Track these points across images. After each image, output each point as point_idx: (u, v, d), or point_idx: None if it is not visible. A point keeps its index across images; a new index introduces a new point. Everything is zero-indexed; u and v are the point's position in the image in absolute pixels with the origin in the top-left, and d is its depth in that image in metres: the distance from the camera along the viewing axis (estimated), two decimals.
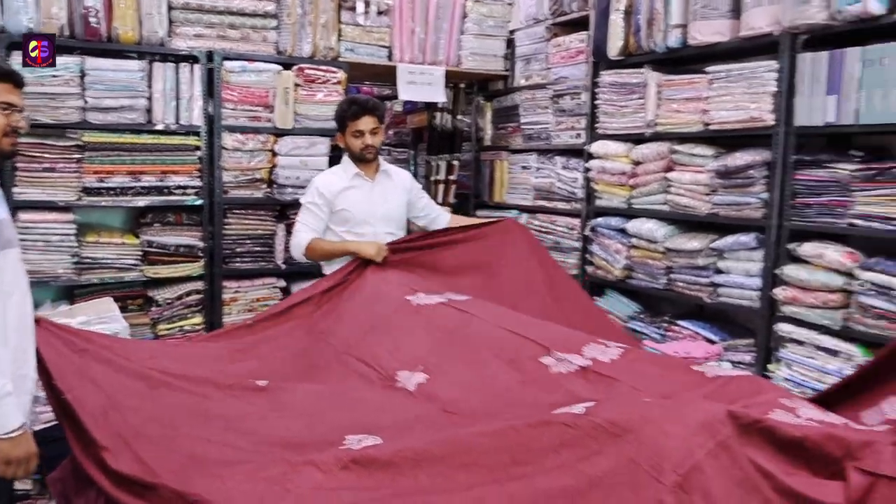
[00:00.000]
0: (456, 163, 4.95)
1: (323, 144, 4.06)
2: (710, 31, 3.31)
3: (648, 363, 2.44)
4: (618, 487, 1.60)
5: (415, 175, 5.51)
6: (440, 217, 3.68)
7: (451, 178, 4.96)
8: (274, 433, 2.16)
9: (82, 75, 3.51)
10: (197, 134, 3.82)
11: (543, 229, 4.52)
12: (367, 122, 3.32)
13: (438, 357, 2.54)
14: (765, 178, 3.17)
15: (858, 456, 1.64)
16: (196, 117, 3.79)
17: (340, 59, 4.12)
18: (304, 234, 3.37)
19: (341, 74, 4.06)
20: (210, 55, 3.78)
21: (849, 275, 2.90)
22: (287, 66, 3.96)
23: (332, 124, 3.86)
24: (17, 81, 2.04)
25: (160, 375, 2.38)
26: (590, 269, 4.17)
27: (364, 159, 3.39)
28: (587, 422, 1.74)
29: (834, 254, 2.92)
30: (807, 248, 3.02)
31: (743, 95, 3.21)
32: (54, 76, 3.43)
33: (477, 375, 2.42)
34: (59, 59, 3.41)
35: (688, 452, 1.60)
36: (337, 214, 3.39)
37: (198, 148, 3.83)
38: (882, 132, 2.80)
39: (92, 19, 3.50)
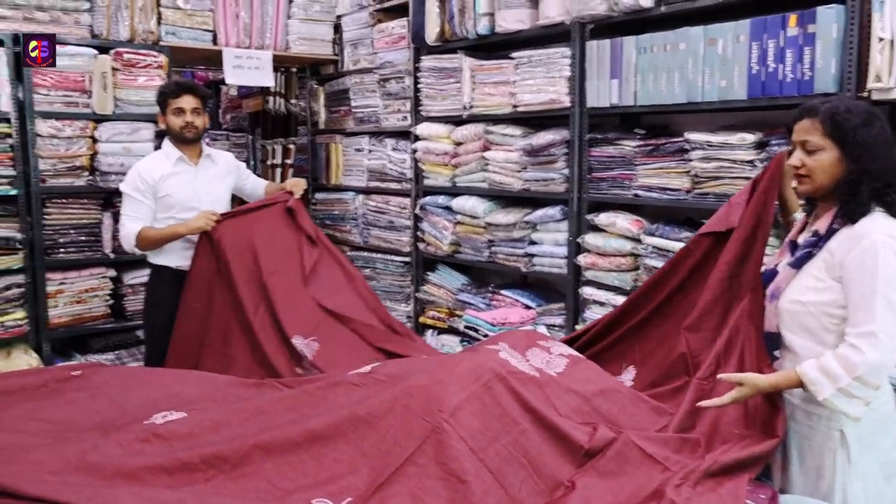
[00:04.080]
0: (292, 146, 4.99)
1: (147, 130, 4.00)
2: (514, 19, 3.56)
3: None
4: (386, 425, 1.79)
5: (252, 159, 5.52)
6: (261, 188, 3.74)
7: (288, 161, 5.01)
8: (83, 416, 2.18)
9: None
10: (7, 121, 3.67)
11: (378, 209, 4.68)
12: (187, 101, 3.30)
13: None
14: (565, 155, 3.47)
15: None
16: (4, 103, 3.63)
17: (162, 43, 4.06)
18: (130, 224, 3.28)
19: (162, 58, 4.01)
20: (17, 38, 3.63)
21: (636, 240, 3.24)
22: (104, 50, 3.86)
23: (156, 109, 3.81)
24: None
25: None
26: (421, 245, 4.38)
27: (184, 139, 3.33)
28: (370, 378, 1.91)
29: (623, 222, 3.26)
30: (602, 218, 3.34)
31: (543, 79, 3.48)
32: None
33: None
34: None
35: (453, 395, 1.81)
36: (161, 201, 3.32)
37: (9, 136, 3.68)
38: (656, 112, 3.13)
39: None
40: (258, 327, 3.03)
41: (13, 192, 3.71)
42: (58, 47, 3.71)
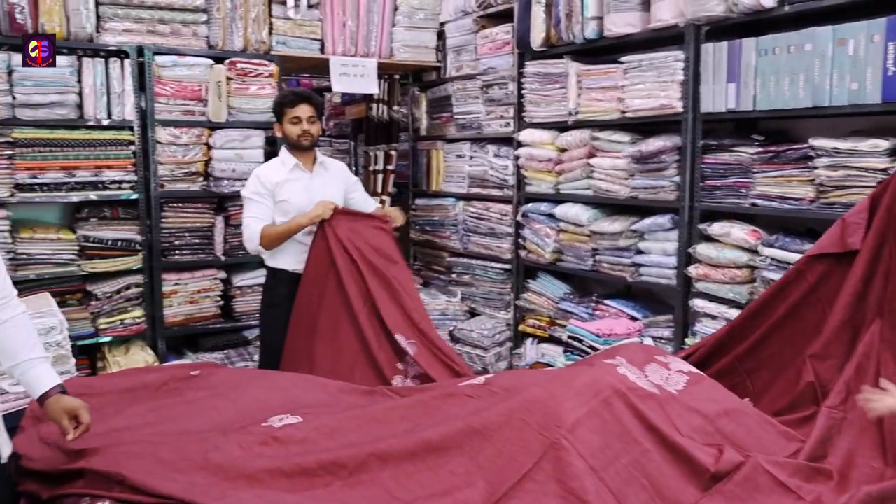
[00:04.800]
0: (393, 153, 5.04)
1: (258, 137, 4.13)
2: (623, 22, 3.47)
3: None
4: (502, 438, 1.75)
5: (354, 165, 5.61)
6: (369, 207, 3.75)
7: (390, 167, 5.05)
8: (204, 416, 2.25)
9: (10, 72, 3.51)
10: (130, 128, 3.85)
11: (478, 216, 4.67)
12: (304, 110, 3.34)
13: None
14: (676, 162, 3.36)
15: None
16: (128, 112, 3.82)
17: (273, 53, 4.19)
18: (254, 224, 3.32)
19: (273, 67, 4.13)
20: (140, 50, 3.81)
21: (753, 251, 3.09)
22: (219, 60, 4.01)
23: (267, 117, 4.00)
24: None
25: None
26: (523, 253, 4.33)
27: (301, 146, 3.38)
28: (485, 390, 1.89)
29: (739, 232, 3.12)
30: (716, 228, 3.21)
31: (654, 84, 3.38)
32: None
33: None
34: None
35: (571, 410, 1.76)
36: (278, 206, 3.38)
37: (132, 143, 3.86)
38: (777, 117, 2.98)
39: (18, 15, 3.51)
40: (364, 319, 3.15)
41: (134, 196, 3.90)
42: (177, 58, 3.88)
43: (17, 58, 3.51)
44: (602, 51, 3.81)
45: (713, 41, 3.15)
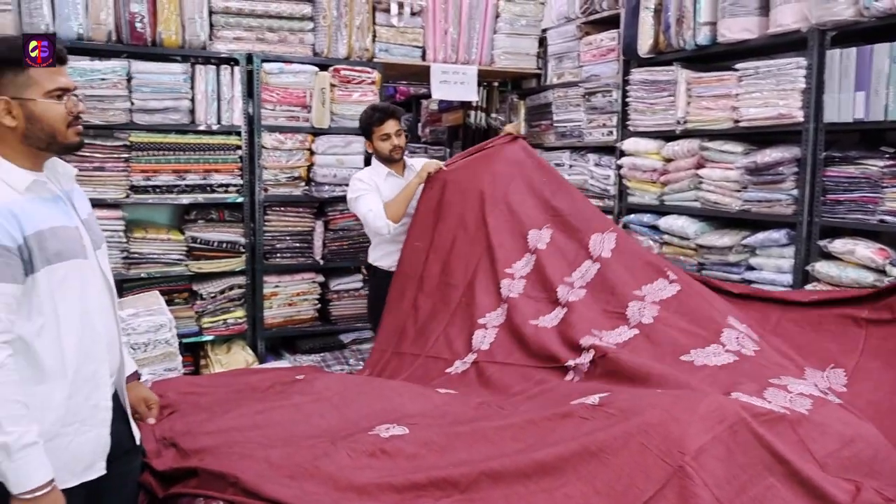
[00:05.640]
0: None
1: (358, 143, 4.17)
2: (739, 28, 3.32)
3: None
4: (620, 462, 1.68)
5: None
6: None
7: None
8: (310, 421, 2.26)
9: (129, 78, 3.66)
10: (238, 134, 3.96)
11: None
12: (391, 126, 3.54)
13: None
14: (795, 175, 3.18)
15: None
16: (237, 118, 3.93)
17: (375, 60, 4.23)
18: (375, 207, 3.45)
19: (376, 74, 4.16)
20: (250, 57, 3.91)
21: (880, 271, 2.89)
22: (323, 67, 4.07)
23: None
24: (61, 58, 1.72)
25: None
26: None
27: (393, 160, 3.60)
28: (600, 412, 1.81)
29: (865, 250, 2.92)
30: (837, 245, 3.02)
31: (772, 92, 3.21)
32: (103, 79, 3.59)
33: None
34: (107, 63, 3.58)
35: (695, 436, 1.67)
36: None
37: (239, 147, 3.97)
38: None
39: (138, 24, 3.66)
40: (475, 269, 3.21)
41: (240, 199, 4.00)
42: (283, 65, 3.96)
43: (137, 65, 3.66)
44: (712, 57, 3.66)
45: (838, 47, 2.97)
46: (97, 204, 3.64)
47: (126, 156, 3.74)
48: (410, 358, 3.01)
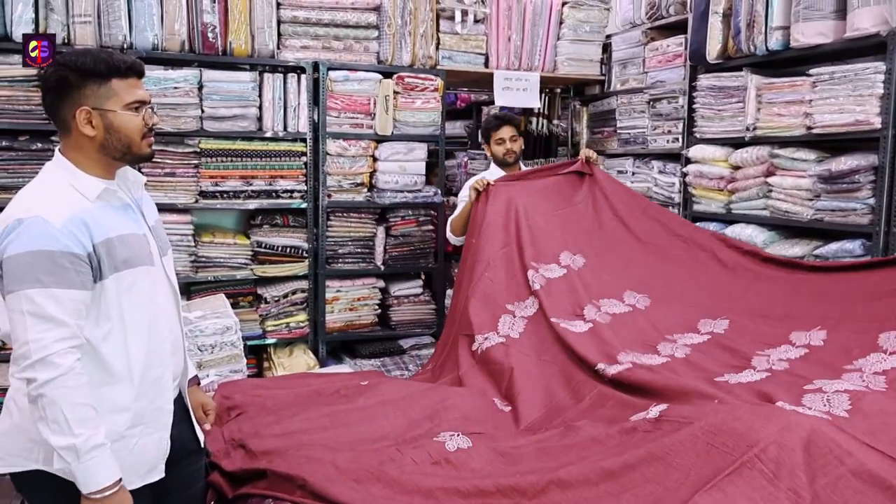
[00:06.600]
0: None
1: (420, 150, 4.20)
2: (813, 32, 3.23)
3: None
4: (686, 463, 1.67)
5: None
6: None
7: None
8: (375, 422, 2.28)
9: (200, 87, 3.77)
10: (303, 140, 4.03)
11: None
12: (506, 132, 3.89)
13: None
14: (871, 183, 3.07)
15: None
16: (302, 125, 4.00)
17: (438, 67, 4.25)
18: (451, 218, 3.94)
19: (439, 82, 4.18)
20: (316, 65, 3.98)
21: None
22: (387, 75, 4.11)
23: (429, 130, 4.21)
24: (139, 72, 1.79)
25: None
26: None
27: (507, 163, 3.91)
28: (664, 422, 1.80)
29: None
30: None
31: (848, 98, 3.11)
32: (175, 87, 3.70)
33: None
34: (180, 72, 3.69)
35: (760, 430, 1.65)
36: None
37: (304, 154, 4.04)
38: None
39: (210, 34, 3.76)
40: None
41: (304, 205, 4.06)
42: (349, 73, 4.02)
43: (208, 73, 3.76)
44: (783, 63, 3.57)
45: None
46: (167, 209, 3.78)
47: (196, 162, 3.84)
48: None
